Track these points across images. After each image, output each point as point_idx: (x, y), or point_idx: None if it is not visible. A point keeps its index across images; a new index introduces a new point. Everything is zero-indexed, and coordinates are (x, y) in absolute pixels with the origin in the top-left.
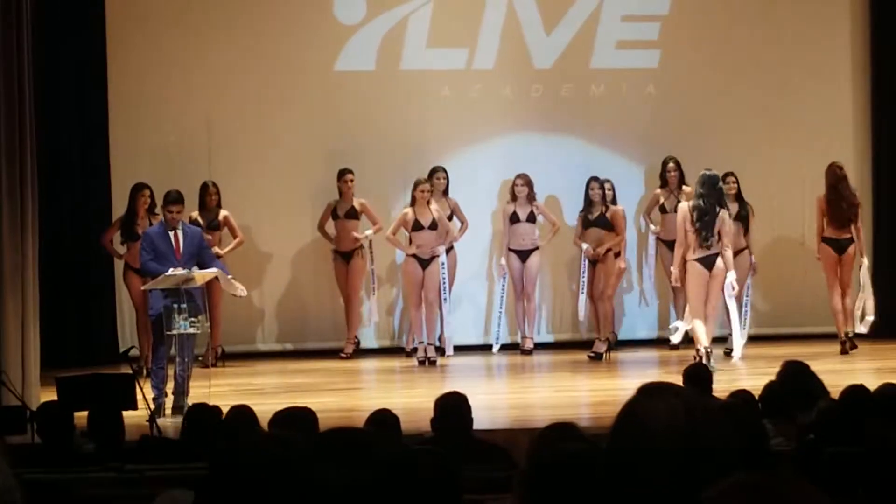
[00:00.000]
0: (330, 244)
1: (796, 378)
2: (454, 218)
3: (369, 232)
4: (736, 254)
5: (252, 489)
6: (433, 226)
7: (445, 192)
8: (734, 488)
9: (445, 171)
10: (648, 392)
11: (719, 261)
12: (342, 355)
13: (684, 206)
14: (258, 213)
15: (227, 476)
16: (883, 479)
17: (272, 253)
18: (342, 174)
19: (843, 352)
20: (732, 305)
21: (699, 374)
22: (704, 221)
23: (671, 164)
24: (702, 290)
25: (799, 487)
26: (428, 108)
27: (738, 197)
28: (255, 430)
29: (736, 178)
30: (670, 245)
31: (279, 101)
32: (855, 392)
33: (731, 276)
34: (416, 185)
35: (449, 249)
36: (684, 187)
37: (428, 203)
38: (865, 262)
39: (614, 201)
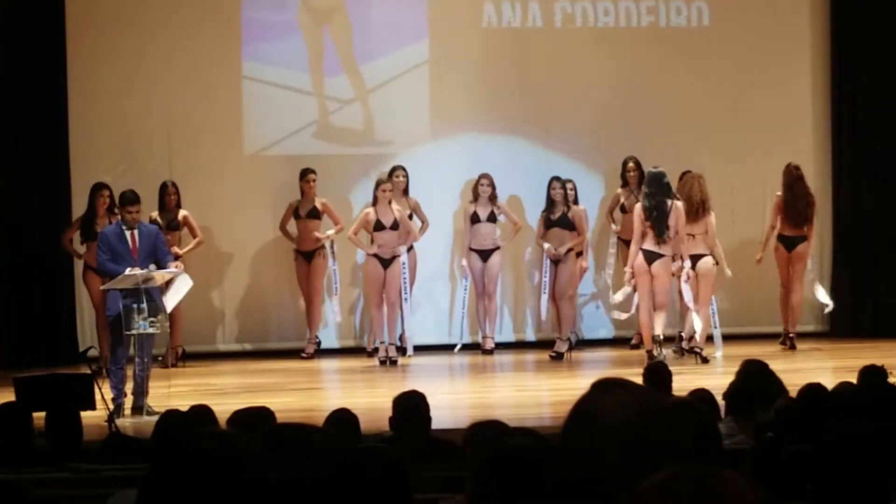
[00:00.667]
0: (291, 244)
1: (755, 377)
2: (414, 217)
3: (331, 232)
4: (699, 257)
5: (193, 486)
6: (395, 226)
7: (406, 192)
8: (668, 480)
9: (405, 170)
10: (602, 387)
11: (665, 260)
12: (303, 355)
13: (638, 205)
14: (218, 213)
15: (168, 473)
16: (834, 476)
17: (232, 253)
18: (304, 174)
19: (783, 344)
20: (687, 293)
21: (659, 373)
22: (655, 217)
23: (631, 164)
24: (646, 283)
25: (731, 480)
26: (389, 107)
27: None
28: (196, 428)
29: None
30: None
31: (239, 101)
32: (812, 390)
33: (687, 265)
34: (377, 184)
35: (409, 249)
36: (643, 187)
37: (389, 203)
38: (809, 263)
39: (576, 201)
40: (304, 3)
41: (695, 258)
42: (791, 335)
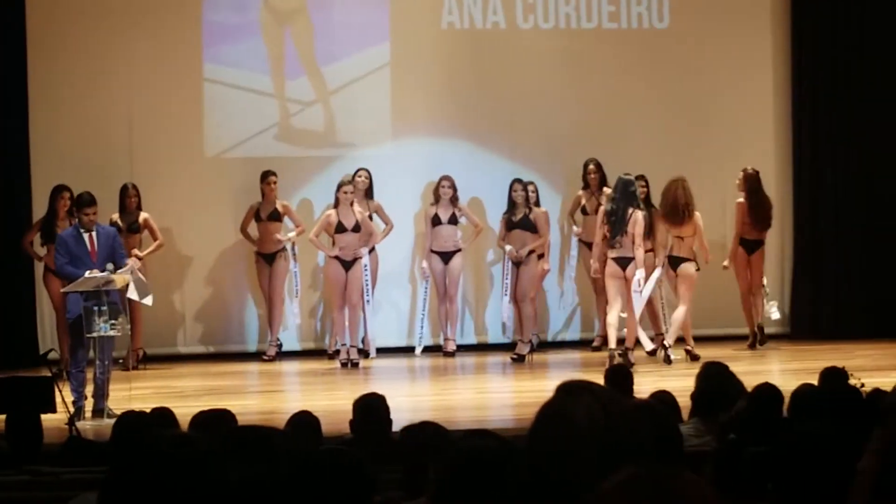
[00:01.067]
0: (252, 246)
1: (715, 379)
2: (377, 219)
3: (292, 234)
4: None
5: (153, 488)
6: (356, 228)
7: (369, 194)
8: (628, 481)
9: (368, 172)
10: (568, 390)
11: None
12: (265, 357)
13: (601, 209)
14: (179, 215)
15: (127, 476)
16: (795, 476)
17: (193, 255)
18: (265, 176)
19: (752, 346)
20: (637, 301)
21: (620, 375)
22: (612, 222)
23: (591, 167)
24: (615, 289)
25: (690, 481)
26: (350, 109)
27: (647, 201)
28: (157, 431)
29: (646, 181)
30: (591, 246)
31: (200, 103)
32: (765, 391)
33: (640, 274)
34: (339, 186)
35: (371, 251)
36: (605, 189)
37: (351, 205)
38: (765, 279)
39: (538, 203)
40: (265, 5)
41: (680, 260)
42: (759, 328)
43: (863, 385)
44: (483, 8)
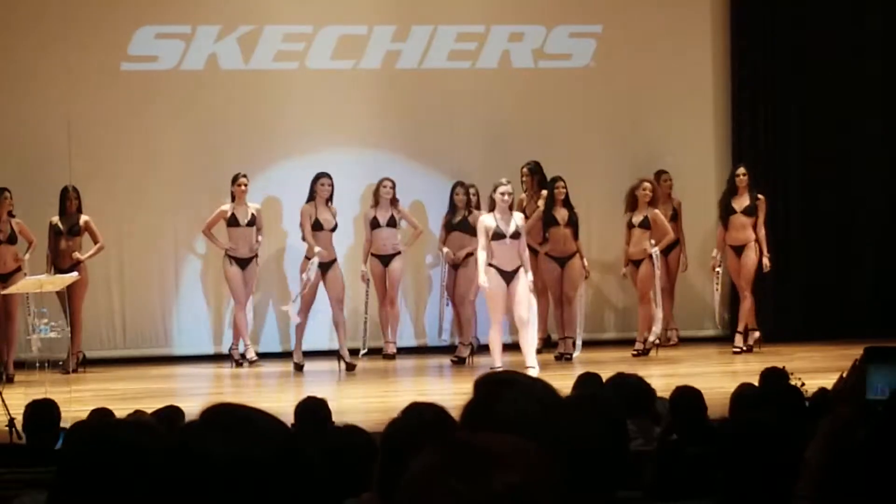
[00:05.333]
0: (219, 249)
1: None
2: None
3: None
4: (567, 259)
5: (112, 476)
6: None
7: (330, 199)
8: (443, 451)
9: (247, 178)
10: (495, 382)
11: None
12: (250, 360)
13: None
14: (119, 218)
15: (82, 469)
16: (739, 468)
17: (134, 258)
18: (235, 178)
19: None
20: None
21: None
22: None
23: (524, 170)
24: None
25: (512, 443)
26: (290, 111)
27: (566, 202)
28: (106, 420)
29: (564, 182)
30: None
31: (139, 103)
32: (683, 392)
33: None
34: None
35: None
36: (543, 192)
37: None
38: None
39: (478, 206)
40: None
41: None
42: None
43: (803, 384)
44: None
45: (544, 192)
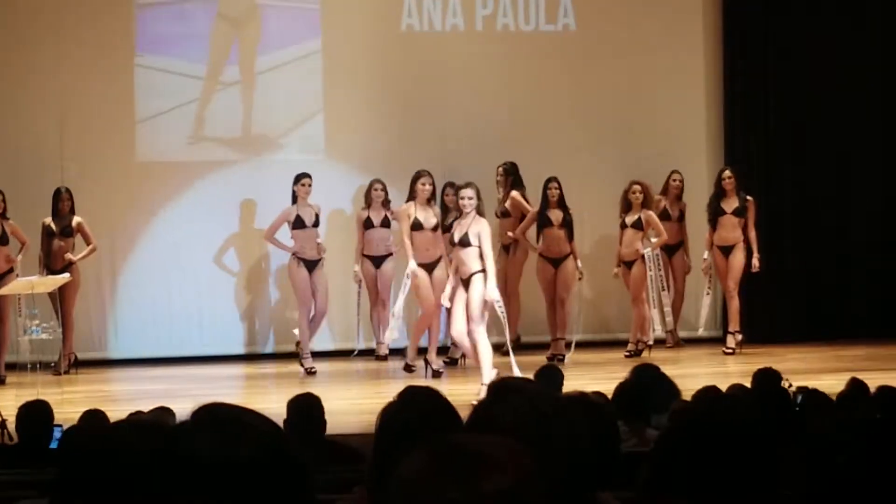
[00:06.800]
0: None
1: (646, 380)
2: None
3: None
4: (561, 260)
5: (114, 479)
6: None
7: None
8: (430, 453)
9: (310, 178)
10: (497, 391)
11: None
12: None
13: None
14: (112, 219)
15: (82, 473)
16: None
17: (127, 260)
18: (299, 178)
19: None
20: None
21: (551, 376)
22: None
23: (499, 169)
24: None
25: (497, 443)
26: (277, 109)
27: (561, 203)
28: (102, 424)
29: (559, 183)
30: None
31: (132, 106)
32: (707, 392)
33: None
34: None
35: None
36: (513, 193)
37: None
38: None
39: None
40: (219, 14)
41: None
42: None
43: (790, 386)
44: (419, 9)
45: (514, 193)
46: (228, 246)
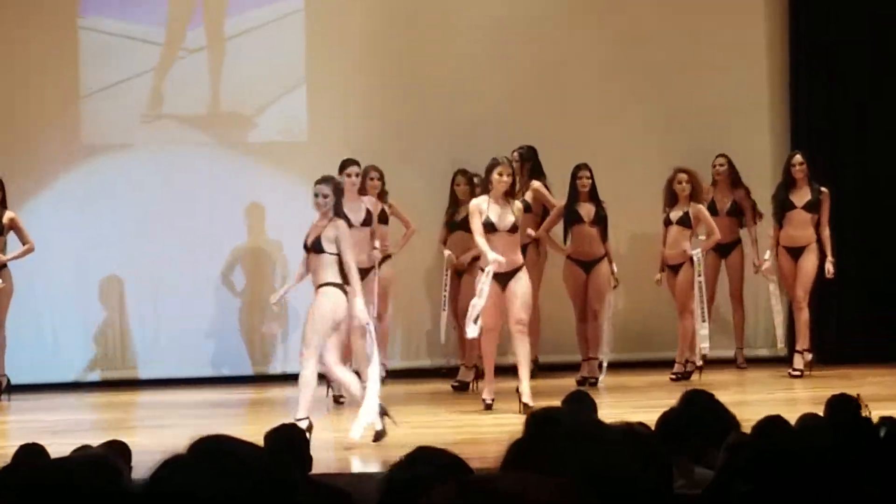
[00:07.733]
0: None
1: (700, 408)
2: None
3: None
4: (593, 264)
5: None
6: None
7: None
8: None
9: (358, 165)
10: (538, 422)
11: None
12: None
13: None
14: (50, 215)
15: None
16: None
17: (71, 265)
18: (344, 166)
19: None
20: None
21: (582, 403)
22: None
23: (514, 155)
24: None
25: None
26: (251, 80)
27: (593, 195)
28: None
29: (590, 171)
30: None
31: (75, 76)
32: (770, 423)
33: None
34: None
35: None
36: (533, 182)
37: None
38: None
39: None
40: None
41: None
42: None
43: (870, 413)
44: None
45: (534, 183)
46: (192, 248)
